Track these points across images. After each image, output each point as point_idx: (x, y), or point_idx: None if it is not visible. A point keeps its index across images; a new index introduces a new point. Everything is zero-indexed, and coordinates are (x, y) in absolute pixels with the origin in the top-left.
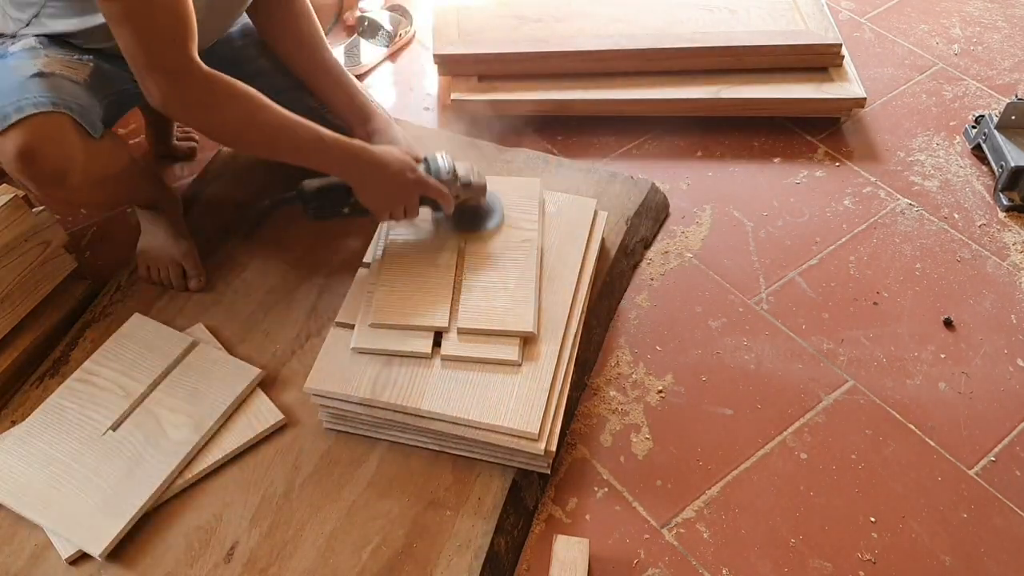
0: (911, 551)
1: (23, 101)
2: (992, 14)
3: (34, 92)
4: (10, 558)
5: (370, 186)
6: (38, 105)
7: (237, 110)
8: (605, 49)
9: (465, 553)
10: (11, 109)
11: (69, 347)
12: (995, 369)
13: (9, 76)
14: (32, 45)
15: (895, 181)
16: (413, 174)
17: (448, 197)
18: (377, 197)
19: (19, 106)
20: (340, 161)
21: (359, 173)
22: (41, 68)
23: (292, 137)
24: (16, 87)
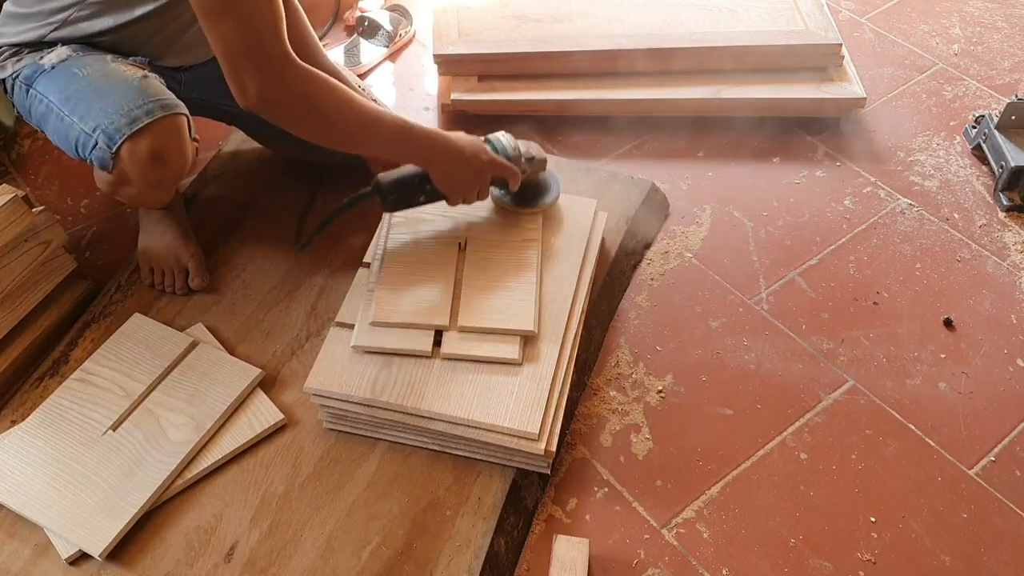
0: (911, 551)
1: (150, 104)
2: (992, 14)
3: (154, 95)
4: (10, 558)
5: (449, 172)
6: (166, 108)
7: (335, 105)
8: (605, 49)
9: (465, 553)
10: (140, 112)
11: (69, 347)
12: (995, 369)
13: (110, 83)
14: (69, 54)
15: (895, 181)
16: (486, 155)
17: (517, 174)
18: (454, 181)
19: (148, 109)
20: (423, 149)
21: (439, 160)
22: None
23: (382, 129)
24: (134, 91)
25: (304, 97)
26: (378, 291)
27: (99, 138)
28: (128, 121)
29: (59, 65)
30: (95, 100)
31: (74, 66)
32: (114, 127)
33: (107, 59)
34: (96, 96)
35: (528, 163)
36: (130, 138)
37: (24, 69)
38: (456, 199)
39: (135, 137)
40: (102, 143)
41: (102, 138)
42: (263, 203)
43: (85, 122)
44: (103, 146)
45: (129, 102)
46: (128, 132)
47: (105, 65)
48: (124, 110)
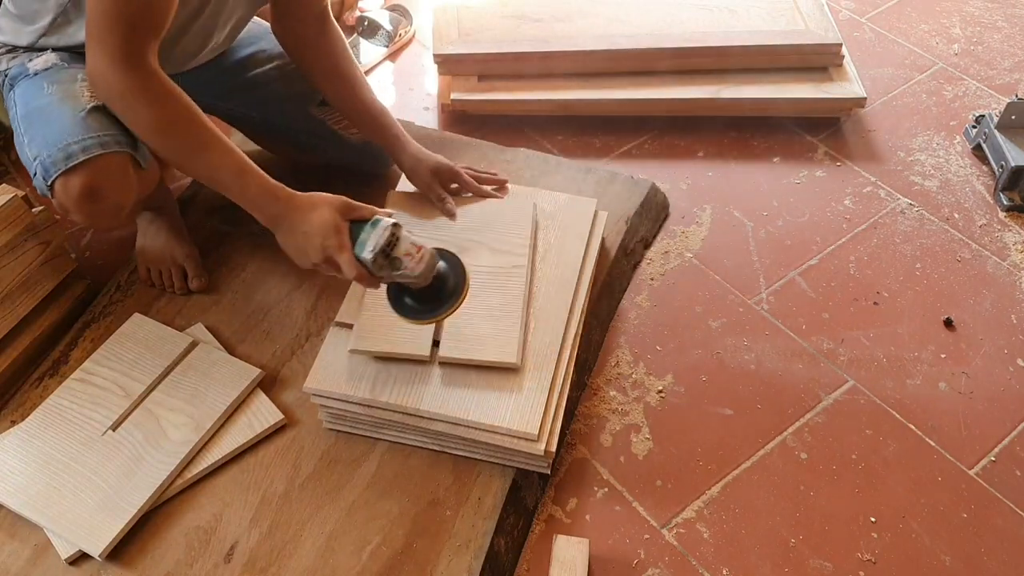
0: (911, 551)
1: (88, 140)
2: (992, 14)
3: (97, 130)
4: (10, 558)
5: (283, 235)
6: (104, 145)
7: (163, 113)
8: (605, 49)
9: (465, 553)
10: (77, 148)
11: (69, 347)
12: (995, 369)
13: (60, 109)
14: (54, 62)
15: (895, 181)
16: (326, 239)
17: (363, 278)
18: (287, 246)
19: (84, 145)
20: (254, 199)
21: (272, 217)
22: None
23: (213, 159)
24: (77, 124)
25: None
26: (362, 316)
27: (37, 168)
28: (64, 156)
29: (40, 73)
30: (43, 126)
31: (47, 79)
32: (50, 160)
33: (78, 77)
34: (45, 122)
35: (392, 272)
36: (64, 174)
37: (13, 68)
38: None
39: (68, 173)
40: (40, 174)
41: (40, 169)
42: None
43: (31, 147)
44: (40, 177)
45: (69, 135)
46: (63, 167)
47: (71, 87)
48: (62, 143)
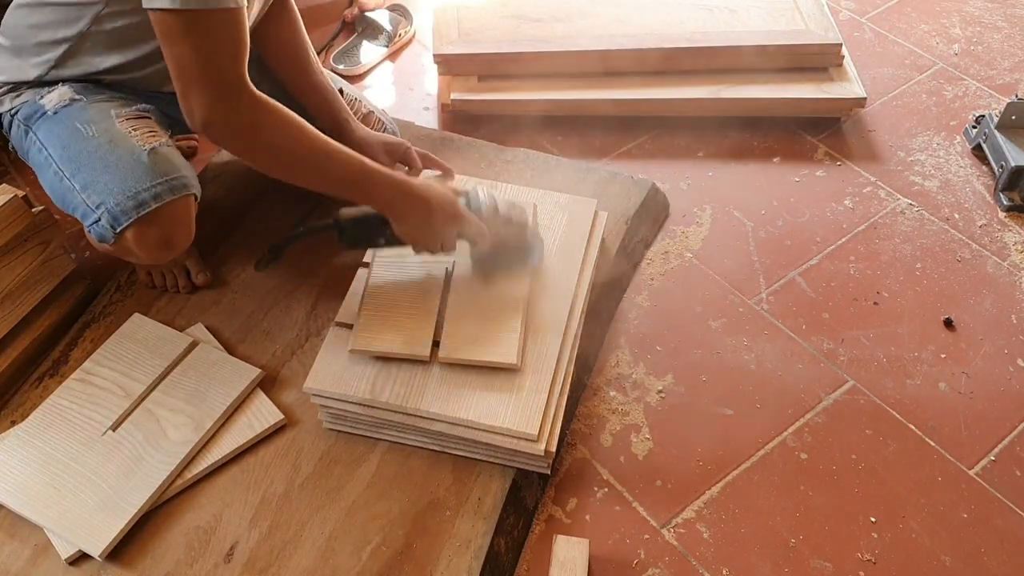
0: (911, 551)
1: (158, 187)
2: (992, 14)
3: (163, 175)
4: (10, 558)
5: (410, 219)
6: (175, 190)
7: (285, 136)
8: (605, 49)
9: (465, 553)
10: (147, 196)
11: (69, 347)
12: (995, 369)
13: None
14: (71, 97)
15: (895, 181)
16: (453, 209)
17: (486, 236)
18: (416, 230)
19: (156, 192)
20: (383, 193)
21: (400, 206)
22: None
23: (338, 167)
24: (142, 169)
25: (252, 127)
26: (361, 316)
27: (103, 216)
28: (135, 205)
29: (61, 111)
30: (100, 171)
31: (78, 119)
32: (120, 209)
33: (111, 115)
34: (102, 166)
35: (504, 224)
36: (137, 222)
37: (23, 107)
38: (418, 248)
39: (142, 222)
40: (105, 221)
41: (106, 217)
42: (263, 203)
43: (88, 194)
44: (106, 225)
45: (137, 181)
46: (135, 216)
47: (111, 125)
48: (131, 191)
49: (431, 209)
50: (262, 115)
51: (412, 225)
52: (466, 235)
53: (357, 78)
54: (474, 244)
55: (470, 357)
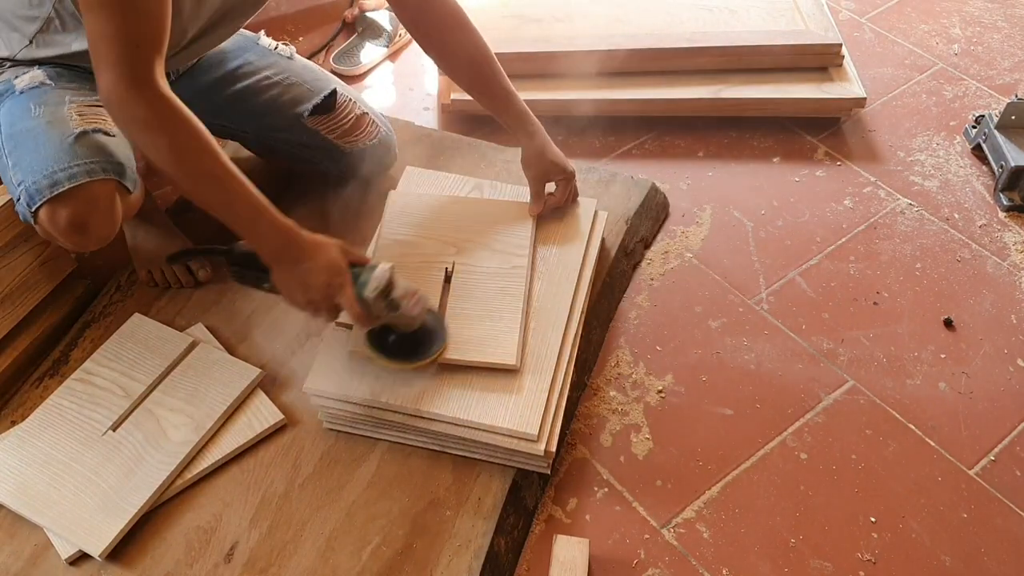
0: (911, 551)
1: (75, 168)
2: (992, 14)
3: (83, 156)
4: (10, 558)
5: (283, 271)
6: (90, 172)
7: (179, 146)
8: (605, 49)
9: (465, 553)
10: (63, 176)
11: (69, 347)
12: (995, 369)
13: (47, 135)
14: (42, 80)
15: (895, 181)
16: (331, 277)
17: (361, 317)
18: (287, 284)
19: (71, 173)
20: (262, 234)
21: (277, 253)
22: (82, 126)
23: (225, 196)
24: (64, 150)
25: (146, 123)
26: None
27: (21, 194)
28: (49, 184)
29: (27, 92)
30: (30, 150)
31: (34, 100)
32: (35, 187)
33: (65, 100)
34: (32, 146)
35: (389, 312)
36: (49, 202)
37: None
38: (292, 304)
39: (54, 202)
40: (24, 200)
41: (24, 195)
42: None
43: (15, 171)
44: (24, 204)
45: (56, 162)
46: (48, 195)
47: (59, 109)
48: (48, 170)
49: (308, 269)
50: (162, 115)
51: (285, 278)
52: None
53: (357, 78)
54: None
55: (469, 358)
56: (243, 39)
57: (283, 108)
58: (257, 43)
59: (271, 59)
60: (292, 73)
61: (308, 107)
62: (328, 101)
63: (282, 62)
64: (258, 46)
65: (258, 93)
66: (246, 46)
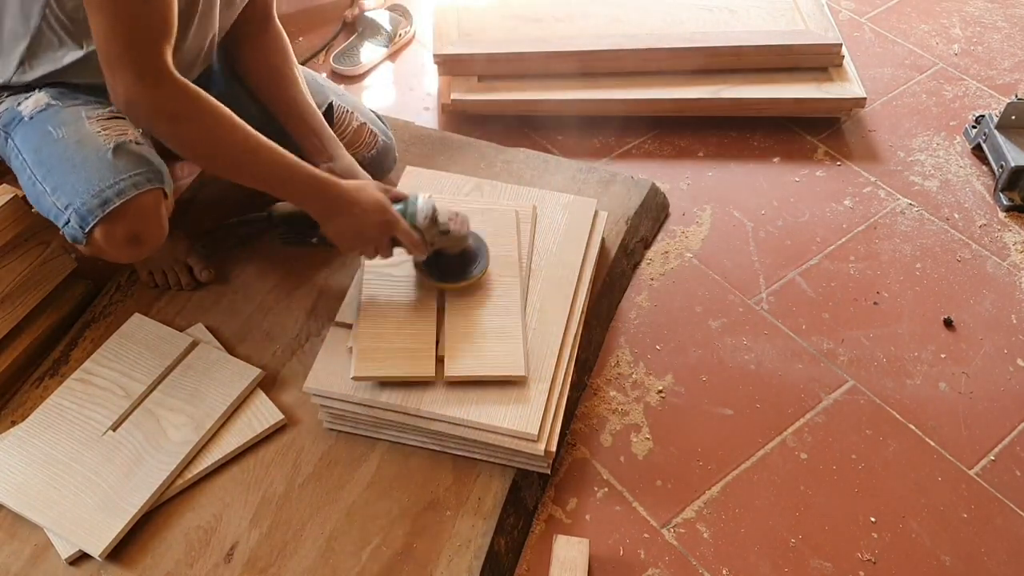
0: (911, 551)
1: (121, 183)
2: (992, 14)
3: (127, 170)
4: (10, 558)
5: (334, 221)
6: (138, 185)
7: (206, 125)
8: (605, 49)
9: (465, 553)
10: (111, 193)
11: (69, 347)
12: (995, 369)
13: (81, 153)
14: (47, 102)
15: (895, 181)
16: (383, 215)
17: (419, 244)
18: (341, 233)
19: (119, 189)
20: (307, 193)
21: (325, 207)
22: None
23: (262, 163)
24: (105, 166)
25: (170, 115)
26: (359, 339)
27: (71, 217)
28: (100, 203)
29: (37, 116)
30: (67, 172)
31: (50, 122)
32: (86, 208)
33: (83, 116)
34: (69, 167)
35: (440, 236)
36: (103, 221)
37: (3, 115)
38: (347, 251)
39: (109, 220)
40: (74, 222)
41: (74, 218)
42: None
43: (57, 196)
44: (75, 226)
45: (101, 180)
46: (100, 214)
47: (80, 126)
48: (95, 189)
49: (359, 213)
50: (185, 103)
51: (338, 227)
52: (400, 243)
53: (357, 78)
54: (408, 253)
55: (477, 373)
56: None
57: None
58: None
59: None
60: None
61: None
62: (326, 115)
63: None
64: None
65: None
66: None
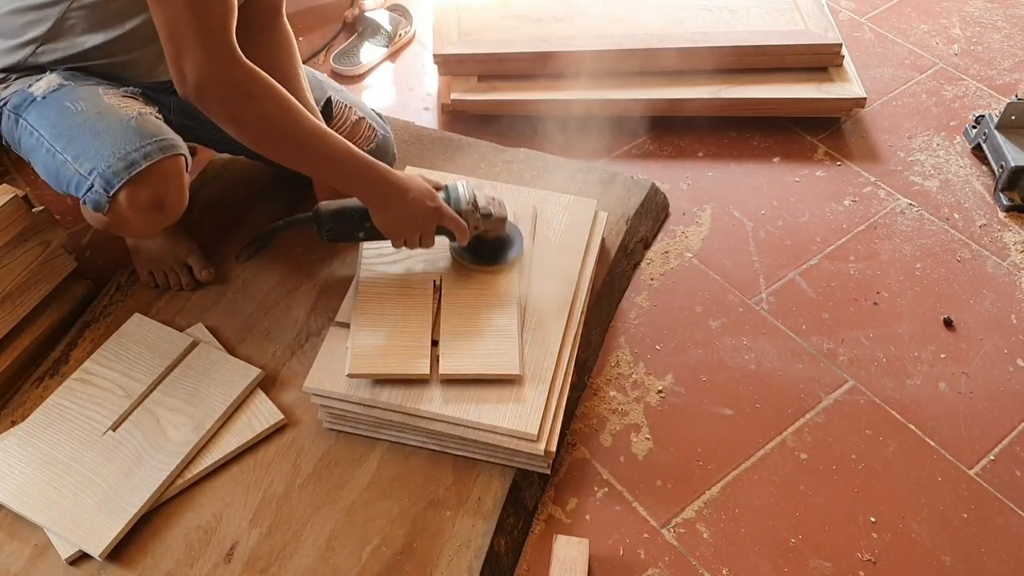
0: (911, 551)
1: (147, 147)
2: (992, 14)
3: (152, 136)
4: (10, 558)
5: (388, 209)
6: (164, 149)
7: (275, 109)
8: (605, 49)
9: (465, 553)
10: (138, 156)
11: (69, 347)
12: (995, 369)
13: (104, 121)
14: (60, 83)
15: (895, 181)
16: (432, 202)
17: (465, 229)
18: (393, 222)
19: (146, 152)
20: (364, 180)
21: (380, 195)
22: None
23: (323, 146)
24: (131, 132)
25: (246, 94)
26: (355, 336)
27: (95, 181)
28: (126, 165)
29: (50, 96)
30: (90, 139)
31: (66, 99)
32: (111, 171)
33: (99, 92)
34: (91, 135)
35: (483, 220)
36: (128, 183)
37: (13, 97)
38: (396, 241)
39: (134, 183)
40: (98, 187)
41: (98, 182)
42: (262, 203)
43: (80, 162)
44: (99, 190)
45: (126, 143)
46: (126, 177)
47: (98, 100)
48: (121, 152)
49: (411, 200)
50: (254, 84)
51: (391, 215)
52: (446, 229)
53: (357, 78)
54: (453, 239)
55: (471, 371)
56: None
57: None
58: None
59: None
60: None
61: None
62: (325, 109)
63: None
64: None
65: None
66: None
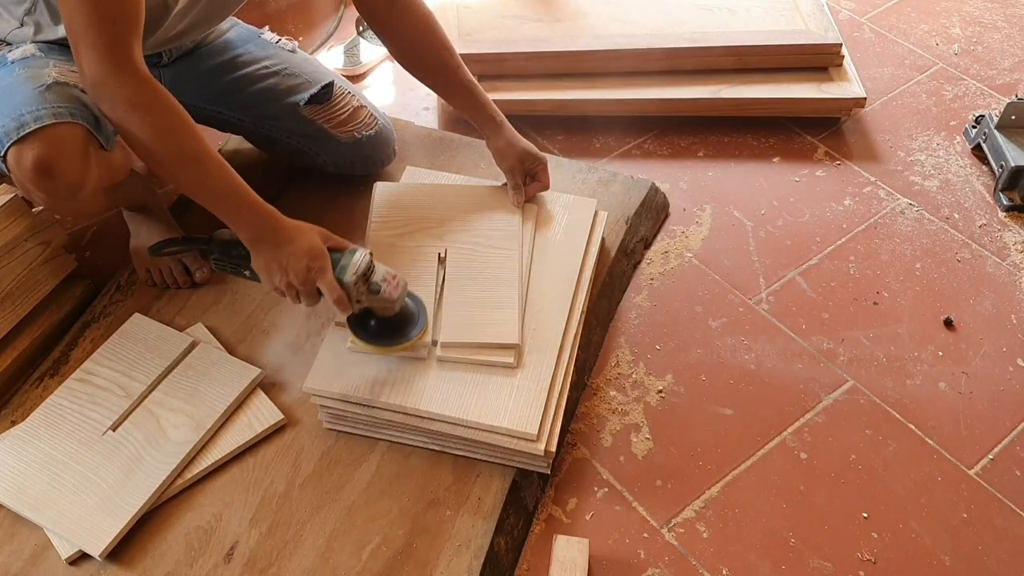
0: (911, 551)
1: (41, 110)
2: (992, 14)
3: (52, 102)
4: (10, 558)
5: (264, 255)
6: (57, 115)
7: (161, 120)
8: (605, 49)
9: (465, 553)
10: (29, 118)
11: (69, 347)
12: (995, 369)
13: (23, 86)
14: (33, 52)
15: (895, 181)
16: (311, 262)
17: (342, 301)
18: (264, 269)
19: (37, 115)
20: (242, 216)
21: (256, 236)
22: (56, 78)
23: (206, 173)
24: (33, 97)
25: (131, 103)
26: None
27: None
28: (16, 125)
29: (18, 61)
30: (4, 103)
31: (22, 65)
32: (3, 131)
33: (49, 64)
34: (7, 98)
35: (370, 295)
36: (16, 143)
37: None
38: (268, 287)
39: (20, 143)
40: None
41: None
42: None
43: None
44: None
45: (25, 106)
46: (15, 137)
47: (39, 70)
48: (16, 113)
49: (287, 252)
50: (144, 94)
51: (265, 261)
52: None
53: (357, 77)
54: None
55: (470, 339)
56: (247, 32)
57: (280, 97)
58: (260, 36)
59: (272, 51)
60: (291, 64)
61: (304, 96)
62: (325, 91)
63: (283, 54)
64: (261, 39)
65: (256, 81)
66: (249, 38)
